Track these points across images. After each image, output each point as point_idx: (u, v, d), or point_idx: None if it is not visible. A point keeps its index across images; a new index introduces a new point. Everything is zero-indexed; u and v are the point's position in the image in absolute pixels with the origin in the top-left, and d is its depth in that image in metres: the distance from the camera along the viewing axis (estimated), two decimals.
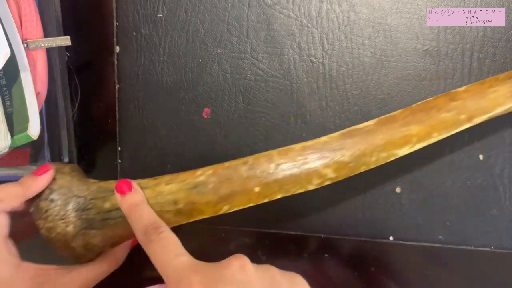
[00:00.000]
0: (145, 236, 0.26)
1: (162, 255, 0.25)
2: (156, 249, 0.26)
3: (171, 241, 0.26)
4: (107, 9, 0.38)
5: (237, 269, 0.23)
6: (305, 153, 0.30)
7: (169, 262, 0.25)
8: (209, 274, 0.23)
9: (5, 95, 0.30)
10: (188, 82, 0.37)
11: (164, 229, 0.26)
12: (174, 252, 0.25)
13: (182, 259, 0.24)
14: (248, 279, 0.23)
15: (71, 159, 0.39)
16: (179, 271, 0.24)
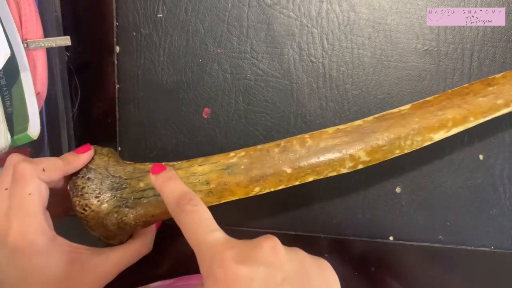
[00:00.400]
0: (178, 207, 0.26)
1: (195, 228, 0.25)
2: (189, 221, 0.25)
3: (205, 215, 0.25)
4: (107, 9, 0.38)
5: (269, 250, 0.23)
6: (338, 136, 0.30)
7: (202, 237, 0.24)
8: (241, 252, 0.23)
9: (5, 95, 0.30)
10: (188, 82, 0.37)
11: (197, 201, 0.26)
12: (207, 226, 0.25)
13: (216, 235, 0.24)
14: (279, 261, 0.23)
15: None
16: (212, 247, 0.24)
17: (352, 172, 0.36)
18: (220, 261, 0.23)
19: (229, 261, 0.22)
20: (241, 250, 0.23)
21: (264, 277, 0.22)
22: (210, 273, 0.23)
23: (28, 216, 0.28)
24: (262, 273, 0.22)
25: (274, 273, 0.23)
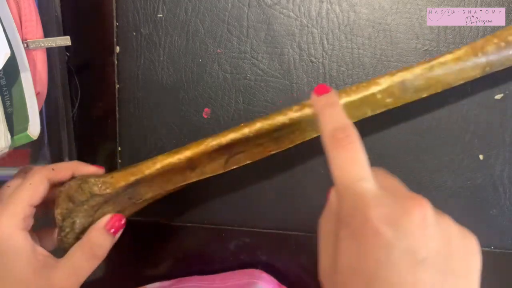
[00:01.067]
0: (333, 139, 0.24)
1: (345, 170, 0.23)
2: (341, 160, 0.23)
3: (360, 157, 0.23)
4: (107, 9, 0.38)
5: (418, 221, 0.21)
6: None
7: (350, 183, 0.23)
8: (389, 214, 0.21)
9: (5, 95, 0.30)
10: (188, 82, 0.37)
11: (355, 138, 0.23)
12: (359, 172, 0.23)
13: (366, 185, 0.22)
14: (425, 236, 0.21)
15: (71, 159, 0.39)
16: (358, 198, 0.22)
17: None
18: (364, 218, 0.21)
19: (373, 218, 0.21)
20: (389, 212, 0.21)
21: (406, 250, 0.20)
22: (348, 224, 0.22)
23: (13, 204, 0.29)
24: (404, 245, 0.20)
25: (417, 249, 0.20)
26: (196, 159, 0.32)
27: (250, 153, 0.33)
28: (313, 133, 0.32)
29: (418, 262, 0.20)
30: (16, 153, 0.36)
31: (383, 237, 0.20)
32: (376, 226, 0.21)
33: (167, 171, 0.32)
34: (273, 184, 0.37)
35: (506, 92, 0.34)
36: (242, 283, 0.36)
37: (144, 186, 0.33)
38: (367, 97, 0.31)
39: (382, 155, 0.35)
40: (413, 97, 0.30)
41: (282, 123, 0.31)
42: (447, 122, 0.35)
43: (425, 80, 0.30)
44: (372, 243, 0.21)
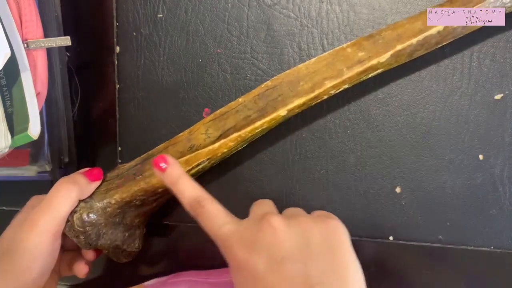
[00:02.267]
0: (191, 210, 0.29)
1: (209, 226, 0.28)
2: (203, 222, 0.28)
3: (214, 213, 0.28)
4: (107, 9, 0.38)
5: (269, 233, 0.25)
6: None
7: (215, 233, 0.27)
8: (247, 241, 0.26)
9: (5, 95, 0.30)
10: (188, 82, 0.37)
11: (205, 202, 0.29)
12: (217, 223, 0.27)
13: (225, 228, 0.27)
14: (278, 241, 0.25)
15: (71, 159, 0.39)
16: (224, 241, 0.27)
17: (352, 172, 0.36)
18: (232, 253, 0.26)
19: (237, 252, 0.25)
20: (246, 238, 0.26)
21: (267, 260, 0.24)
22: (229, 262, 0.26)
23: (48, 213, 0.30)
24: (265, 258, 0.25)
25: (274, 254, 0.25)
26: (194, 134, 0.33)
27: (238, 126, 0.33)
28: (295, 100, 0.32)
29: (279, 263, 0.24)
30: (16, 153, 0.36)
31: (248, 261, 0.25)
32: (241, 256, 0.25)
33: (172, 145, 0.34)
34: (273, 184, 0.37)
35: (506, 92, 0.34)
36: None
37: (149, 163, 0.34)
38: (337, 52, 0.32)
39: (382, 155, 0.35)
40: (388, 48, 0.31)
41: (266, 85, 0.33)
42: (447, 122, 0.35)
43: (392, 30, 0.31)
44: (245, 270, 0.25)
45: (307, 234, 0.26)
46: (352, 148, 0.36)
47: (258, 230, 0.26)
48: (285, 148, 0.37)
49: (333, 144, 0.36)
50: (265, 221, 0.26)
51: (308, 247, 0.25)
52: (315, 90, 0.31)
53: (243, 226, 0.27)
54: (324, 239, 0.25)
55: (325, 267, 0.24)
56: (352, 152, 0.36)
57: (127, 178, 0.34)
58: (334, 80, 0.31)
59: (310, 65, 0.32)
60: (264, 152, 0.37)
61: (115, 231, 0.34)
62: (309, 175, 0.36)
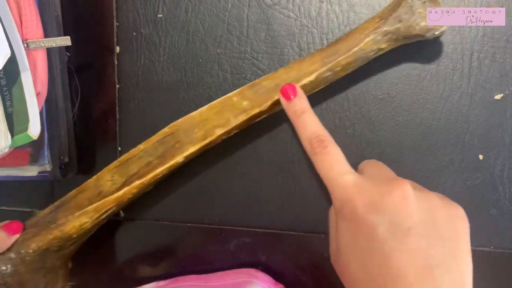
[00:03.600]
0: (311, 148, 0.27)
1: (327, 170, 0.26)
2: (321, 163, 0.27)
3: (336, 157, 0.27)
4: (107, 9, 0.38)
5: (398, 199, 0.24)
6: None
7: (334, 179, 0.26)
8: (371, 198, 0.24)
9: (5, 95, 0.30)
10: (188, 82, 0.37)
11: (328, 142, 0.27)
12: (338, 169, 0.26)
13: (347, 177, 0.26)
14: (407, 210, 0.24)
15: (71, 159, 0.38)
16: (343, 190, 0.25)
17: None
18: (350, 205, 0.25)
19: (360, 208, 0.24)
20: (371, 197, 0.24)
21: (390, 225, 0.23)
22: (341, 212, 0.25)
23: None
24: (388, 222, 0.23)
25: (401, 222, 0.23)
26: (101, 181, 0.35)
27: (141, 173, 0.34)
28: (190, 147, 0.33)
29: (403, 232, 0.23)
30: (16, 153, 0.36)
31: (368, 221, 0.24)
32: (361, 212, 0.24)
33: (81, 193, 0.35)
34: (273, 185, 0.37)
35: (506, 92, 0.34)
36: (238, 281, 0.36)
37: (62, 210, 0.35)
38: (225, 100, 0.33)
39: (382, 155, 0.35)
40: (267, 98, 0.32)
41: (164, 132, 0.34)
42: (447, 122, 0.35)
43: (271, 80, 0.33)
44: (362, 226, 0.24)
45: (435, 212, 0.24)
46: (352, 148, 0.36)
47: (386, 192, 0.24)
48: (285, 148, 0.37)
49: None
50: (397, 186, 0.24)
51: (434, 226, 0.24)
52: (207, 138, 0.33)
53: (368, 182, 0.25)
54: (451, 224, 0.25)
55: (446, 251, 0.24)
56: (352, 152, 0.36)
57: (42, 227, 0.34)
58: (223, 128, 0.33)
59: (203, 113, 0.34)
60: (264, 152, 0.37)
61: (37, 276, 0.34)
62: (309, 175, 0.36)
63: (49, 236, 0.34)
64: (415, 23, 0.30)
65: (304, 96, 0.30)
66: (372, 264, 0.24)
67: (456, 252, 0.24)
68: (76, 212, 0.34)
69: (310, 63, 0.32)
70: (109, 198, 0.34)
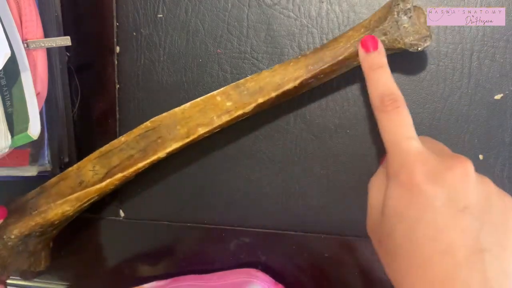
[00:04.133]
0: (381, 104, 0.26)
1: (393, 131, 0.26)
2: (388, 122, 0.26)
3: (406, 120, 0.26)
4: (107, 9, 0.38)
5: (460, 175, 0.24)
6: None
7: (397, 142, 0.25)
8: (432, 169, 0.24)
9: (5, 95, 0.30)
10: (188, 82, 0.37)
11: (401, 103, 0.26)
12: (405, 132, 0.25)
13: (412, 143, 0.25)
14: (466, 188, 0.23)
15: (71, 159, 0.39)
16: (404, 155, 0.25)
17: (352, 172, 0.36)
18: (409, 172, 0.24)
19: (418, 175, 0.24)
20: (433, 168, 0.24)
21: (447, 200, 0.23)
22: (396, 177, 0.24)
23: None
24: (446, 196, 0.23)
25: (458, 199, 0.23)
26: (83, 170, 0.35)
27: (122, 166, 0.34)
28: (173, 143, 0.33)
29: (459, 210, 0.23)
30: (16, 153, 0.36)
31: (426, 191, 0.23)
32: (420, 180, 0.23)
33: (63, 180, 0.36)
34: (273, 184, 0.37)
35: (506, 92, 0.34)
36: (238, 281, 0.36)
37: (43, 197, 0.35)
38: (208, 99, 0.33)
39: (382, 155, 0.35)
40: (251, 101, 0.33)
41: (146, 126, 0.34)
42: (447, 122, 0.35)
43: (255, 82, 0.33)
44: (418, 194, 0.23)
45: (492, 198, 0.24)
46: (352, 148, 0.36)
47: (448, 167, 0.24)
48: (285, 148, 0.37)
49: (333, 144, 0.36)
50: (460, 163, 0.24)
51: (489, 211, 0.24)
52: (190, 136, 0.33)
53: (431, 153, 0.25)
54: (503, 212, 0.24)
55: (497, 239, 0.23)
56: (352, 152, 0.36)
57: (23, 213, 0.35)
58: (206, 128, 0.33)
59: (186, 110, 0.34)
60: (264, 152, 0.37)
61: (19, 259, 0.35)
62: (309, 175, 0.36)
63: (31, 223, 0.34)
64: (400, 37, 0.30)
65: (384, 52, 0.29)
66: (422, 234, 0.23)
67: (505, 241, 0.23)
68: (58, 199, 0.34)
69: (295, 69, 0.32)
70: (91, 189, 0.34)
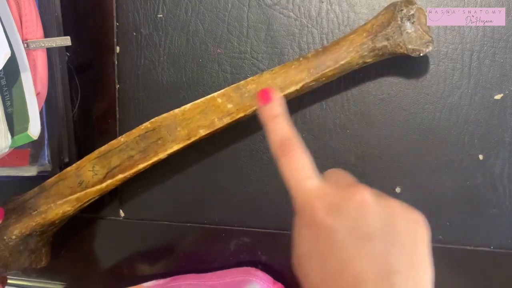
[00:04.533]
0: (278, 150, 0.27)
1: (291, 174, 0.26)
2: (286, 166, 0.27)
3: (301, 162, 0.26)
4: (107, 9, 0.38)
5: (358, 204, 0.24)
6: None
7: (296, 184, 0.26)
8: (331, 202, 0.24)
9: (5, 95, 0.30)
10: (188, 82, 0.37)
11: (295, 147, 0.27)
12: (302, 174, 0.26)
13: (309, 183, 0.26)
14: (365, 216, 0.24)
15: (71, 159, 0.39)
16: (305, 195, 0.25)
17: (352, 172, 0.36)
18: (310, 209, 0.25)
19: (318, 210, 0.24)
20: (331, 201, 0.24)
21: (349, 230, 0.23)
22: (300, 216, 0.25)
23: None
24: (347, 226, 0.24)
25: (359, 228, 0.23)
26: (82, 170, 0.35)
27: (123, 166, 0.34)
28: (174, 145, 0.34)
29: (362, 238, 0.23)
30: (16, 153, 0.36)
31: (326, 225, 0.24)
32: (321, 216, 0.24)
33: (62, 180, 0.35)
34: (273, 184, 0.37)
35: (506, 92, 0.34)
36: (237, 280, 0.36)
37: (42, 197, 0.35)
38: (209, 101, 0.33)
39: (382, 155, 0.35)
40: (252, 104, 0.33)
41: (146, 127, 0.34)
42: (447, 122, 0.35)
43: (256, 84, 0.33)
44: (320, 230, 0.24)
45: (394, 218, 0.24)
46: (352, 148, 0.36)
47: (346, 198, 0.24)
48: None
49: (333, 144, 0.36)
50: (356, 191, 0.24)
51: (392, 232, 0.24)
52: (191, 138, 0.33)
53: (330, 187, 0.26)
54: (409, 230, 0.24)
55: (405, 258, 0.23)
56: (352, 152, 0.36)
57: (22, 213, 0.35)
58: (207, 129, 0.33)
59: (186, 111, 0.33)
60: (264, 152, 0.37)
61: (21, 257, 0.35)
62: None
63: (31, 223, 0.34)
64: (402, 43, 0.31)
65: (280, 101, 0.30)
66: (331, 269, 0.23)
67: (415, 258, 0.24)
68: (58, 200, 0.34)
69: (297, 71, 0.32)
70: (91, 190, 0.34)
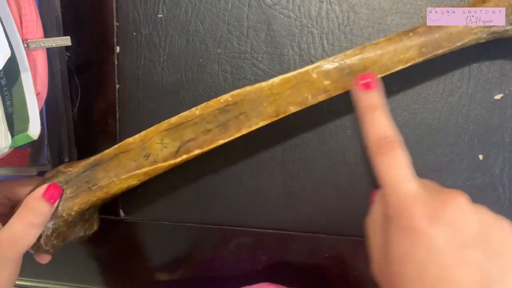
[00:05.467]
0: (375, 147, 0.26)
1: (388, 174, 0.25)
2: (383, 165, 0.26)
3: (402, 162, 0.26)
4: (107, 9, 0.38)
5: (456, 211, 0.24)
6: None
7: (393, 185, 0.25)
8: (430, 210, 0.24)
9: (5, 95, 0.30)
10: (188, 82, 0.37)
11: (396, 146, 0.26)
12: (402, 175, 0.25)
13: (410, 186, 0.25)
14: (465, 226, 0.24)
15: (71, 159, 0.39)
16: (403, 198, 0.25)
17: (352, 172, 0.36)
18: (410, 216, 0.24)
19: (419, 218, 0.24)
20: (430, 208, 0.24)
21: (450, 237, 0.23)
22: (397, 221, 0.25)
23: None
24: (446, 235, 0.23)
25: (459, 235, 0.23)
26: (148, 143, 0.33)
27: (200, 141, 0.32)
28: (259, 121, 0.31)
29: (461, 245, 0.23)
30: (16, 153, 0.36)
31: (428, 230, 0.23)
32: (421, 223, 0.24)
33: (123, 153, 0.33)
34: (273, 184, 0.37)
35: (506, 92, 0.34)
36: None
37: (101, 170, 0.33)
38: (302, 75, 0.30)
39: None
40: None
41: (226, 100, 0.32)
42: (447, 122, 0.35)
43: (359, 61, 0.30)
44: (420, 236, 0.24)
45: (489, 227, 0.24)
46: (352, 148, 0.36)
47: (445, 203, 0.24)
48: (285, 148, 0.37)
49: (333, 144, 0.36)
50: (454, 199, 0.24)
51: (488, 240, 0.24)
52: (279, 115, 0.31)
53: (428, 192, 0.25)
54: (502, 238, 0.24)
55: (502, 268, 0.23)
56: (352, 152, 0.36)
57: (80, 188, 0.33)
58: (298, 107, 0.31)
59: (274, 86, 0.31)
60: (264, 152, 0.37)
61: (76, 229, 0.35)
62: (309, 175, 0.36)
63: (92, 198, 0.33)
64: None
65: (381, 90, 0.28)
66: (431, 276, 0.23)
67: (508, 267, 0.24)
68: (120, 173, 0.33)
69: (406, 48, 0.29)
70: (162, 164, 0.32)
